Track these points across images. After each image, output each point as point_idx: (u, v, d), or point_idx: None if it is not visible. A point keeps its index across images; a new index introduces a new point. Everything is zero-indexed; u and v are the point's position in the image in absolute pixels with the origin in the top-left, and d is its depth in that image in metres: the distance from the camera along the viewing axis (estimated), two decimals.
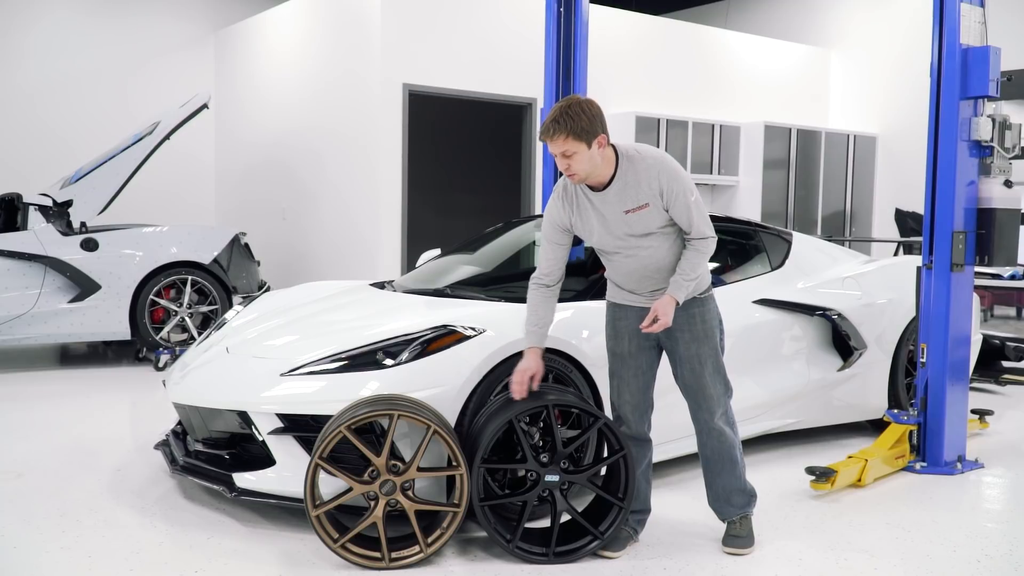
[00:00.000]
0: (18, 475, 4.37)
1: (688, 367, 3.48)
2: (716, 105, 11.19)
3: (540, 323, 3.50)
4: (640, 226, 3.33)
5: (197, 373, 4.08)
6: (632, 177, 3.29)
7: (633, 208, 3.30)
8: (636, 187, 3.29)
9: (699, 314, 3.45)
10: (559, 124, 3.19)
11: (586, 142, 3.20)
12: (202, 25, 12.09)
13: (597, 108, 3.26)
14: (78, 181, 7.46)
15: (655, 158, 3.30)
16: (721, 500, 3.59)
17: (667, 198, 3.28)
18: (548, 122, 3.22)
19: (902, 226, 10.84)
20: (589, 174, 3.27)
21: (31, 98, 10.96)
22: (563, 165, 3.25)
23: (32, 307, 6.93)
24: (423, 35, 8.97)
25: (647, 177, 3.28)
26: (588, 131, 3.20)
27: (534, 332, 3.50)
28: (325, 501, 3.33)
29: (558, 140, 3.20)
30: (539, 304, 3.51)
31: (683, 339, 3.46)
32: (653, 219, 3.32)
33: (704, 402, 3.50)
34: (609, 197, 3.33)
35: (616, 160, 3.31)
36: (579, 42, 6.08)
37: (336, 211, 9.44)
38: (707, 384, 3.48)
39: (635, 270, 3.44)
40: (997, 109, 4.67)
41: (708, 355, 3.47)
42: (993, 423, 5.60)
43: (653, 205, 3.30)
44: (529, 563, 3.37)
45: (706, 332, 3.46)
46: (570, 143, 3.19)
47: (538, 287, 3.52)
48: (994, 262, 4.63)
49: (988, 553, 3.57)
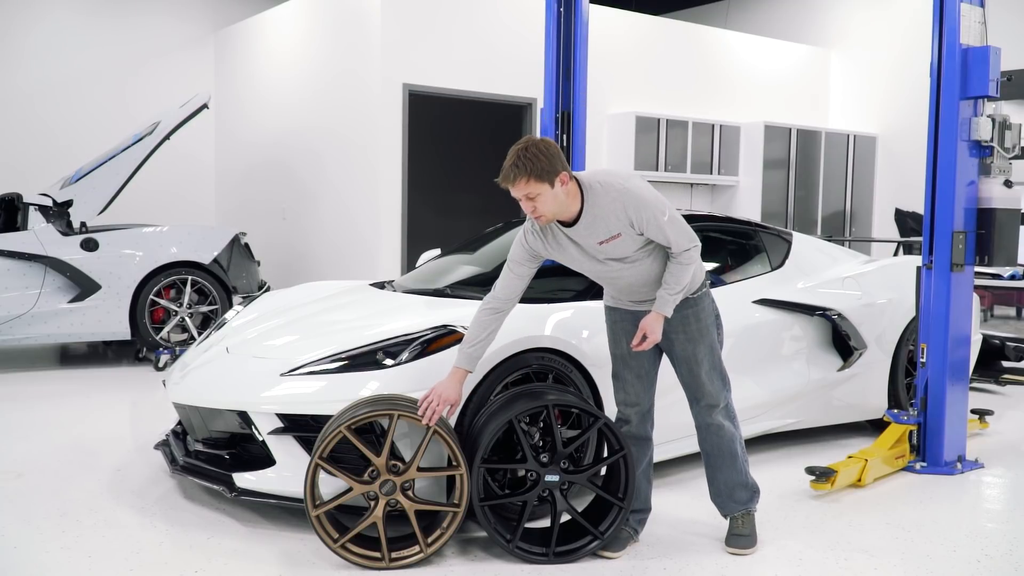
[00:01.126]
0: (18, 475, 4.37)
1: (685, 367, 3.50)
2: (716, 105, 11.19)
3: (476, 342, 3.38)
4: (618, 252, 3.32)
5: (197, 373, 4.08)
6: (599, 210, 3.25)
7: (606, 239, 3.28)
8: (605, 219, 3.25)
9: (692, 314, 3.45)
10: (518, 168, 3.15)
11: (548, 182, 3.17)
12: (202, 25, 12.08)
13: (555, 147, 3.22)
14: (78, 181, 7.46)
15: (617, 189, 3.23)
16: (723, 495, 3.60)
17: (638, 226, 3.25)
18: (507, 167, 3.18)
19: (902, 226, 10.84)
20: (556, 213, 3.24)
21: (31, 98, 10.96)
22: (528, 208, 3.22)
23: (32, 307, 6.93)
24: (423, 35, 8.97)
25: (613, 209, 3.23)
26: (548, 171, 3.16)
27: (466, 353, 3.38)
28: (325, 501, 3.33)
29: (520, 184, 3.17)
30: (485, 324, 3.40)
31: (678, 340, 3.47)
32: (628, 245, 3.30)
33: (703, 398, 3.51)
34: (580, 231, 3.30)
35: (581, 194, 3.27)
36: (579, 42, 6.08)
37: (336, 211, 9.44)
38: (704, 382, 3.49)
39: (624, 287, 3.46)
40: (997, 109, 4.67)
41: (704, 353, 3.47)
42: (993, 423, 5.60)
43: (625, 234, 3.27)
44: (529, 563, 3.37)
45: (700, 331, 3.46)
46: (532, 185, 3.16)
47: (489, 310, 3.42)
48: (994, 262, 4.63)
49: (988, 553, 3.57)
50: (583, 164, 6.07)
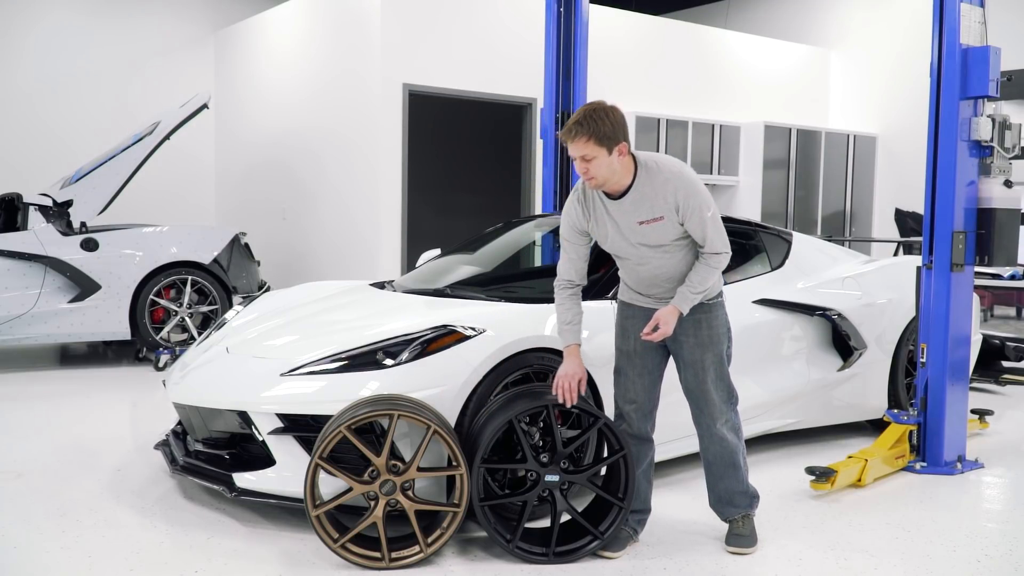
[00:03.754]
0: (18, 475, 4.37)
1: (691, 372, 3.48)
2: (716, 105, 11.19)
3: (572, 320, 3.48)
4: (653, 237, 3.32)
5: (197, 373, 4.08)
6: (649, 189, 3.27)
7: (647, 220, 3.29)
8: (652, 199, 3.27)
9: (705, 320, 3.44)
10: (581, 126, 3.17)
11: (607, 148, 3.18)
12: (202, 25, 12.08)
13: (621, 116, 3.24)
14: (78, 181, 7.46)
15: (673, 172, 3.27)
16: (723, 502, 3.60)
17: (683, 213, 3.26)
18: (571, 123, 3.21)
19: (902, 226, 10.84)
20: (607, 180, 3.26)
21: (31, 98, 10.96)
22: (582, 168, 3.23)
23: (32, 307, 6.93)
24: (423, 35, 8.97)
25: (664, 191, 3.25)
26: (610, 137, 3.18)
27: (568, 330, 3.48)
28: (325, 501, 3.33)
29: (579, 142, 3.18)
30: (568, 305, 3.50)
31: (687, 343, 3.46)
32: (667, 232, 3.31)
33: (706, 407, 3.50)
34: (624, 206, 3.31)
35: (635, 170, 3.29)
36: (579, 42, 6.08)
37: (336, 211, 9.44)
38: (709, 390, 3.47)
39: (645, 278, 3.45)
40: (997, 109, 4.67)
41: (712, 362, 3.46)
42: (993, 423, 5.60)
43: (668, 219, 3.28)
44: (529, 563, 3.37)
45: (711, 338, 3.45)
46: (591, 147, 3.18)
47: (563, 289, 3.52)
48: (994, 262, 4.63)
49: (988, 553, 3.57)
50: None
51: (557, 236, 5.54)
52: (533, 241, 5.78)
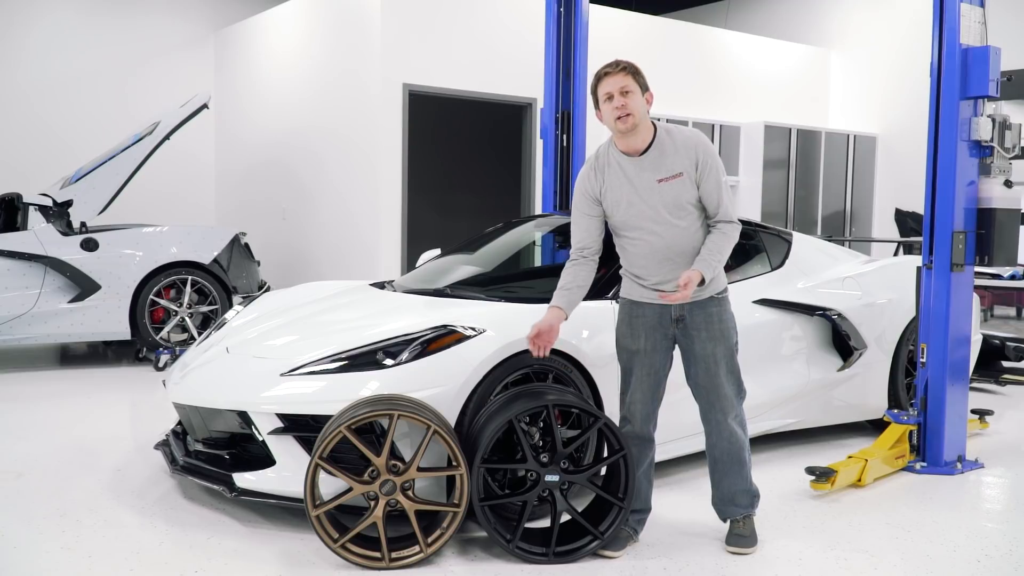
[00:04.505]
0: (18, 475, 4.37)
1: (703, 366, 3.48)
2: (716, 105, 11.19)
3: (571, 287, 3.50)
4: (671, 196, 3.38)
5: (197, 373, 4.08)
6: (670, 146, 3.41)
7: (667, 177, 3.38)
8: (673, 155, 3.39)
9: (717, 314, 3.45)
10: (619, 63, 3.39)
11: (640, 86, 3.39)
12: (202, 25, 12.09)
13: None
14: (78, 181, 7.46)
15: (694, 132, 3.47)
16: (726, 500, 3.59)
17: (701, 170, 3.39)
18: (608, 64, 3.40)
19: (902, 226, 10.85)
20: (639, 121, 3.37)
21: (31, 98, 10.96)
22: (618, 103, 3.35)
23: (32, 307, 6.93)
24: (423, 35, 8.98)
25: (685, 147, 3.40)
26: (643, 79, 3.42)
27: (561, 294, 3.50)
28: (325, 501, 3.33)
29: (618, 75, 3.36)
30: (573, 270, 3.52)
31: (699, 337, 3.46)
32: (684, 190, 3.39)
33: (718, 402, 3.50)
34: (645, 163, 3.41)
35: (654, 130, 3.44)
36: (579, 42, 6.08)
37: (336, 211, 9.44)
38: (721, 384, 3.48)
39: (657, 250, 3.42)
40: (997, 109, 4.67)
41: (723, 355, 3.47)
42: (993, 423, 5.60)
43: (687, 175, 3.38)
44: (529, 563, 3.37)
45: (723, 332, 3.47)
46: (629, 80, 3.36)
47: (574, 260, 3.54)
48: (994, 262, 4.63)
49: (988, 553, 3.57)
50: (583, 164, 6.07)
51: (557, 236, 5.57)
52: (533, 241, 5.78)
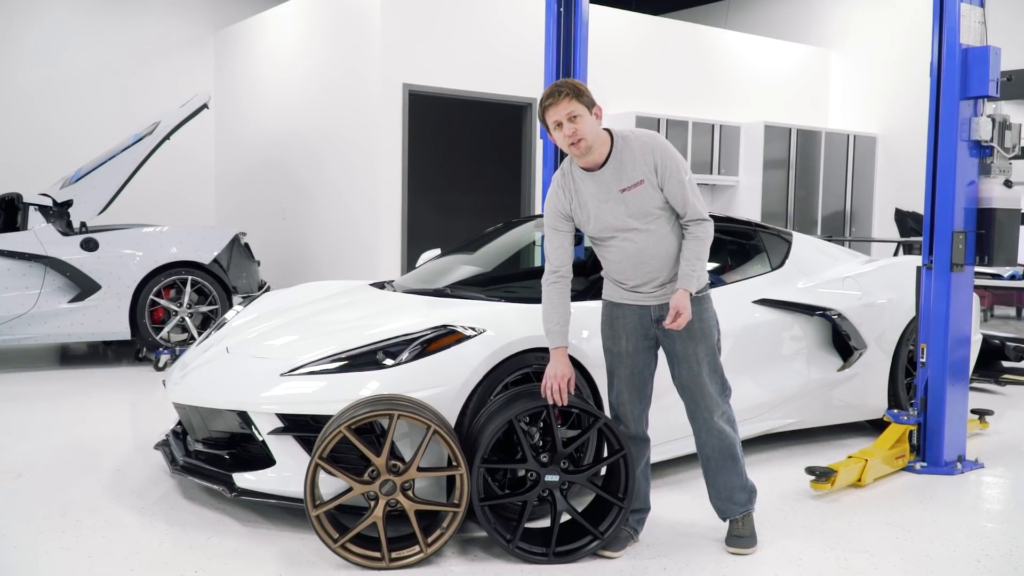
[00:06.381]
0: (18, 475, 4.37)
1: (686, 366, 3.48)
2: (716, 105, 11.19)
3: (561, 321, 3.48)
4: (636, 204, 3.37)
5: (197, 373, 4.08)
6: (627, 155, 3.37)
7: (629, 186, 3.36)
8: (632, 164, 3.36)
9: (696, 313, 3.44)
10: (560, 88, 3.33)
11: (587, 106, 3.33)
12: (202, 25, 12.09)
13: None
14: (78, 181, 7.46)
15: (649, 135, 3.42)
16: (723, 498, 3.59)
17: (661, 174, 3.35)
18: (549, 90, 3.36)
19: (902, 226, 10.84)
20: (593, 141, 3.34)
21: (31, 98, 10.96)
22: (569, 131, 3.31)
23: (32, 307, 6.93)
24: (423, 35, 8.97)
25: (641, 154, 3.36)
26: (587, 96, 3.35)
27: (556, 331, 3.48)
28: (325, 501, 3.34)
29: (563, 102, 3.31)
30: (556, 301, 3.49)
31: (680, 337, 3.46)
32: (648, 197, 3.37)
33: (702, 401, 3.50)
34: (605, 176, 3.39)
35: (611, 141, 3.40)
36: (579, 42, 6.07)
37: (336, 211, 9.44)
38: (705, 383, 3.48)
39: (631, 256, 3.43)
40: (997, 109, 4.67)
41: (705, 354, 3.47)
42: (993, 423, 5.61)
43: (648, 182, 3.36)
44: (529, 563, 3.37)
45: (703, 331, 3.46)
46: (574, 104, 3.31)
47: (551, 283, 3.51)
48: (994, 262, 4.63)
49: (988, 553, 3.57)
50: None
51: None
52: (533, 241, 5.78)
